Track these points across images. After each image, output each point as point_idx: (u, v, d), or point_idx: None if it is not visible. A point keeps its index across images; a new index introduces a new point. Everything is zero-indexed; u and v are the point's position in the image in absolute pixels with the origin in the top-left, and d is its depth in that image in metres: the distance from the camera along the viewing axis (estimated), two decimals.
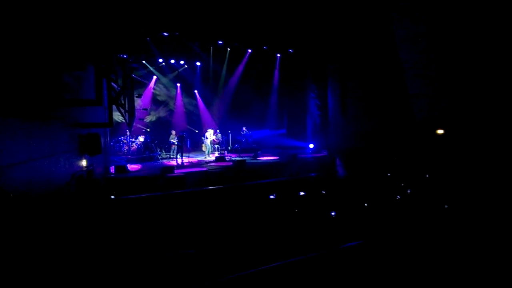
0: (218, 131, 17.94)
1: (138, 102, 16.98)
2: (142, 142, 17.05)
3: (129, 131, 16.79)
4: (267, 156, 16.83)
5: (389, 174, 11.72)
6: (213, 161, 15.36)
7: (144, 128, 18.26)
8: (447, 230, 6.85)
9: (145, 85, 18.36)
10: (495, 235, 6.27)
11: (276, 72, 19.29)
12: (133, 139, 16.94)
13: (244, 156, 16.20)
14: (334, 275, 5.19)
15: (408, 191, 9.96)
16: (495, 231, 6.51)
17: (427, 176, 11.19)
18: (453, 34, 11.42)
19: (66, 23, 7.56)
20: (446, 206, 8.53)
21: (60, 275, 5.42)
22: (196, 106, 20.31)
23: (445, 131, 12.09)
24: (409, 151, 12.80)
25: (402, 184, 10.55)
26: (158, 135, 18.07)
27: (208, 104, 20.37)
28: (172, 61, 17.79)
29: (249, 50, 17.79)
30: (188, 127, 19.36)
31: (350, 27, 14.35)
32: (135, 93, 15.20)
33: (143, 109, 17.77)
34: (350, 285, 5.05)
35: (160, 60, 17.50)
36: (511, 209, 7.52)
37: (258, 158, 16.11)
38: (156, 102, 19.28)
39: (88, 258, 5.92)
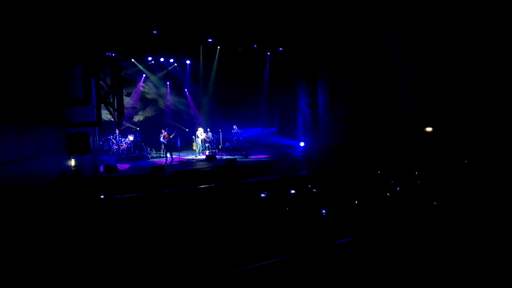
0: (208, 129, 17.89)
1: (127, 101, 16.84)
2: (132, 141, 16.91)
3: (119, 130, 16.64)
4: (258, 154, 16.84)
5: (379, 172, 11.83)
6: (203, 160, 15.31)
7: (134, 127, 18.12)
8: (436, 227, 6.96)
9: (134, 84, 18.21)
10: (484, 231, 6.38)
11: (267, 70, 19.29)
12: (123, 138, 16.80)
13: (235, 155, 16.19)
14: (327, 271, 5.22)
15: (398, 188, 10.07)
16: (483, 227, 6.62)
17: (416, 173, 11.32)
18: (443, 33, 11.56)
19: (54, 22, 7.45)
20: (435, 203, 8.65)
21: (48, 274, 5.36)
22: (186, 104, 20.21)
23: (434, 129, 12.24)
24: (399, 148, 12.94)
25: (392, 182, 10.66)
26: (147, 134, 17.94)
27: (198, 103, 20.29)
28: (162, 59, 17.67)
29: (239, 49, 17.76)
30: (178, 125, 19.25)
31: (341, 26, 14.42)
32: (124, 92, 15.03)
33: (132, 107, 17.62)
34: (343, 282, 5.09)
35: (150, 59, 17.37)
36: (500, 206, 7.66)
37: (249, 157, 16.11)
38: (145, 100, 19.14)
39: (77, 258, 5.86)
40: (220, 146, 18.55)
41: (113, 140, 16.62)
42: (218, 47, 17.48)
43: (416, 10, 12.19)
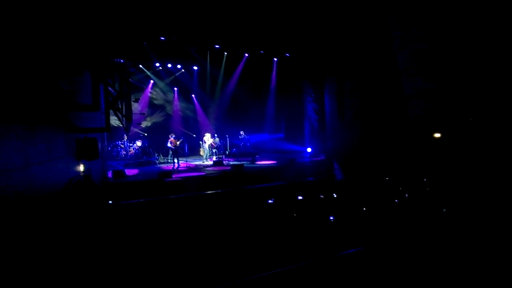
0: (215, 135, 17.94)
1: (135, 107, 16.99)
2: (140, 147, 17.02)
3: (127, 136, 16.76)
4: (265, 160, 16.81)
5: (387, 178, 11.73)
6: (211, 166, 15.32)
7: (142, 132, 18.25)
8: (446, 234, 6.86)
9: (142, 90, 18.36)
10: (494, 239, 6.28)
11: (273, 76, 19.30)
12: (131, 144, 16.92)
13: (242, 161, 16.18)
14: (335, 282, 5.16)
15: (406, 195, 9.96)
16: (494, 234, 6.51)
17: (424, 179, 11.20)
18: (451, 35, 11.46)
19: (63, 29, 7.55)
20: (444, 210, 8.54)
21: (56, 278, 5.37)
22: (194, 110, 20.31)
23: (442, 134, 12.12)
24: (407, 154, 12.82)
25: (400, 188, 10.55)
26: (155, 139, 18.04)
27: (205, 108, 20.38)
28: (169, 65, 17.79)
29: (246, 54, 17.82)
30: (186, 131, 19.34)
31: (347, 30, 14.41)
32: (132, 98, 15.19)
33: (140, 113, 17.77)
34: None
35: (157, 65, 17.50)
36: (510, 212, 7.54)
37: (256, 163, 16.09)
38: (153, 106, 19.29)
39: (85, 262, 5.88)
40: (227, 152, 18.57)
41: (121, 145, 16.75)
42: (225, 53, 17.56)
43: (424, 11, 12.10)
